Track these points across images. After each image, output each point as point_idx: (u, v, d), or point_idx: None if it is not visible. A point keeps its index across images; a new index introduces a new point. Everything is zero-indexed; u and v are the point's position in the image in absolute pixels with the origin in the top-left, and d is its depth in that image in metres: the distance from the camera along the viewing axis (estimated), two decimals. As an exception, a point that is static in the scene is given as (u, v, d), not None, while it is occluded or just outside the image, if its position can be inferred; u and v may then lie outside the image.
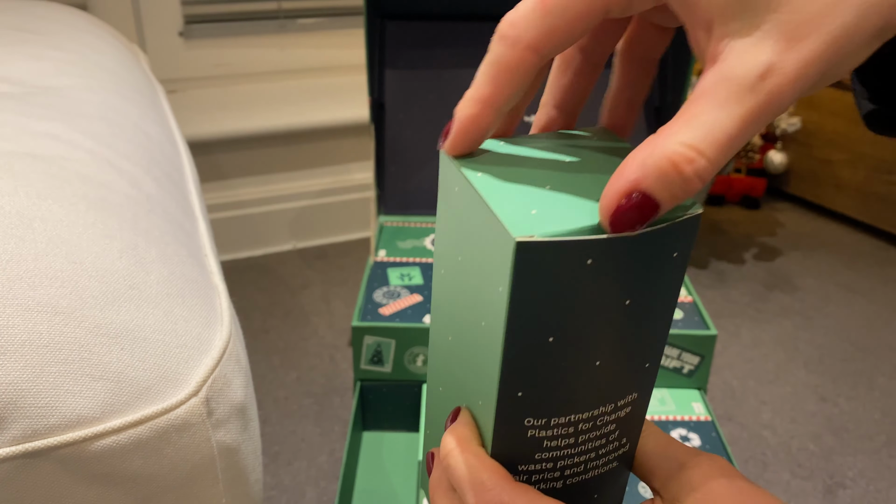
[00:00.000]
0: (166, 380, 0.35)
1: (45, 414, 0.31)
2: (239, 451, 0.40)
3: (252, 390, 0.43)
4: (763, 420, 1.04)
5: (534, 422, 0.26)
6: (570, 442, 0.27)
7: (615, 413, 0.28)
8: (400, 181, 1.07)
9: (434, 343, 0.31)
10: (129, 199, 0.44)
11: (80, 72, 0.63)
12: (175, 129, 0.69)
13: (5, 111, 0.48)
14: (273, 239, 1.47)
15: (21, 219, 0.36)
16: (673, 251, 0.24)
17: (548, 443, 0.27)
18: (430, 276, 0.91)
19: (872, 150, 1.49)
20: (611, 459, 0.29)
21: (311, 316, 1.25)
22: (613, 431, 0.28)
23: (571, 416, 0.27)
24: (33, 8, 0.81)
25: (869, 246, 1.52)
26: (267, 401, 1.05)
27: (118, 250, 0.38)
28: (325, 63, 1.53)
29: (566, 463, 0.28)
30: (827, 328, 1.24)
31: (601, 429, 0.28)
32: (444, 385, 0.31)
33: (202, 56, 1.43)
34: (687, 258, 0.25)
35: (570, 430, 0.27)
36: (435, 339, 0.31)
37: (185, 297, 0.39)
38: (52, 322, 0.32)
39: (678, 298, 0.26)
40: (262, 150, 1.41)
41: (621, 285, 0.24)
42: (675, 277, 0.25)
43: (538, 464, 0.27)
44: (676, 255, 0.25)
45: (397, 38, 1.07)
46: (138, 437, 0.33)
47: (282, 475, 0.93)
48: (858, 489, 0.92)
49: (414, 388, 0.82)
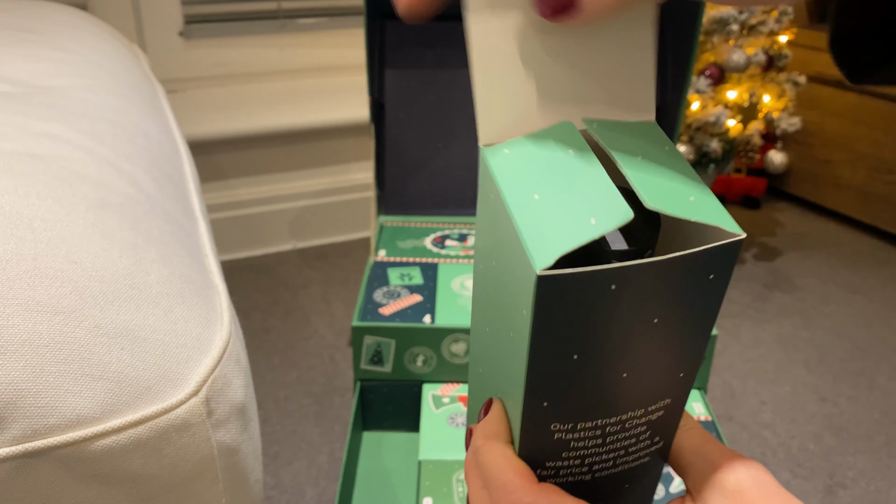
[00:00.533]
0: (166, 380, 0.35)
1: (45, 414, 0.31)
2: (239, 451, 0.40)
3: (252, 390, 0.44)
4: (763, 420, 1.04)
5: (560, 426, 0.26)
6: (598, 442, 0.27)
7: (646, 417, 0.27)
8: (400, 181, 1.07)
9: (475, 326, 0.31)
10: (129, 199, 0.44)
11: (79, 72, 0.63)
12: (175, 129, 0.69)
13: (5, 111, 0.48)
14: (273, 239, 1.47)
15: (21, 218, 0.36)
16: (709, 273, 0.24)
17: (575, 443, 0.27)
18: (429, 276, 0.91)
19: (873, 150, 1.49)
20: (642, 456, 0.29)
21: (311, 316, 1.25)
22: (644, 432, 0.28)
23: (598, 420, 0.27)
24: (33, 8, 0.81)
25: (869, 246, 1.52)
26: (267, 401, 1.05)
27: (118, 250, 0.38)
28: (325, 63, 1.53)
29: (594, 460, 0.28)
30: (827, 328, 1.24)
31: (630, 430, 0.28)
32: (483, 367, 0.31)
33: (202, 56, 1.43)
34: (726, 279, 0.24)
35: (598, 432, 0.27)
36: (476, 323, 0.31)
37: (185, 297, 0.39)
38: (51, 322, 0.32)
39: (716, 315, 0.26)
40: (262, 150, 1.41)
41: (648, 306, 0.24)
42: (713, 297, 0.25)
43: (566, 461, 0.28)
44: (713, 277, 0.24)
45: (397, 38, 1.07)
46: (138, 437, 0.33)
47: (282, 475, 0.93)
48: (858, 489, 0.92)
49: (414, 387, 0.82)
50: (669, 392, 0.27)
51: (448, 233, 1.02)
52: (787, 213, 1.66)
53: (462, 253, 0.96)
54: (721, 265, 0.24)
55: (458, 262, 0.94)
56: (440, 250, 0.97)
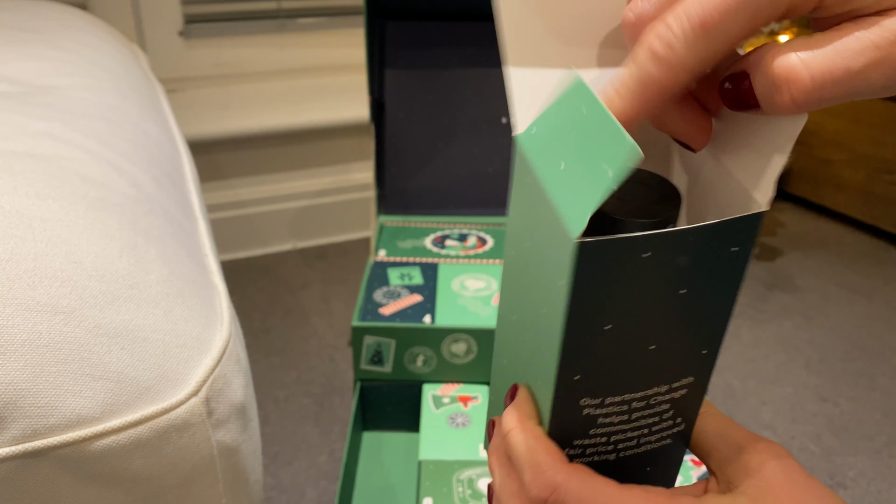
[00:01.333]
0: (166, 379, 0.35)
1: (45, 414, 0.31)
2: (239, 451, 0.40)
3: (252, 390, 0.44)
4: (764, 420, 1.04)
5: (589, 401, 0.27)
6: (624, 419, 0.28)
7: (669, 394, 0.28)
8: (400, 181, 1.07)
9: (502, 317, 0.32)
10: (129, 198, 0.44)
11: (79, 71, 0.63)
12: (175, 129, 0.69)
13: (5, 111, 0.48)
14: (273, 239, 1.47)
15: (21, 218, 0.36)
16: (731, 245, 0.25)
17: (602, 419, 0.28)
18: (428, 276, 0.91)
19: (873, 150, 1.49)
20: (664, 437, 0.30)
21: (311, 316, 1.25)
22: (668, 411, 0.29)
23: (625, 395, 0.28)
24: (33, 7, 0.81)
25: (870, 246, 1.52)
26: (267, 401, 1.05)
27: (118, 250, 0.38)
28: (325, 63, 1.53)
29: (619, 438, 0.29)
30: (827, 328, 1.24)
31: (654, 408, 0.29)
32: (508, 358, 0.32)
33: (202, 55, 1.43)
34: (747, 253, 0.26)
35: (624, 408, 0.28)
36: (503, 314, 0.32)
37: (185, 296, 0.39)
38: (51, 322, 0.32)
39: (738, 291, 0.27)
40: (262, 150, 1.41)
41: (677, 276, 0.25)
42: (735, 271, 0.26)
43: (592, 438, 0.29)
44: (736, 250, 0.25)
45: (397, 38, 1.07)
46: (138, 437, 0.33)
47: (281, 475, 0.93)
48: (859, 489, 0.92)
49: (414, 388, 0.82)
50: (692, 369, 0.28)
51: (448, 233, 1.02)
52: (787, 213, 1.66)
53: (462, 253, 0.96)
54: (744, 237, 0.25)
55: (458, 262, 0.94)
56: (440, 250, 0.97)
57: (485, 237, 1.01)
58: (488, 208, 1.07)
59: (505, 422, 0.29)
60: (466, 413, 0.77)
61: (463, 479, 0.67)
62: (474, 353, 0.80)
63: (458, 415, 0.76)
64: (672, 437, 0.30)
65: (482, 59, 1.06)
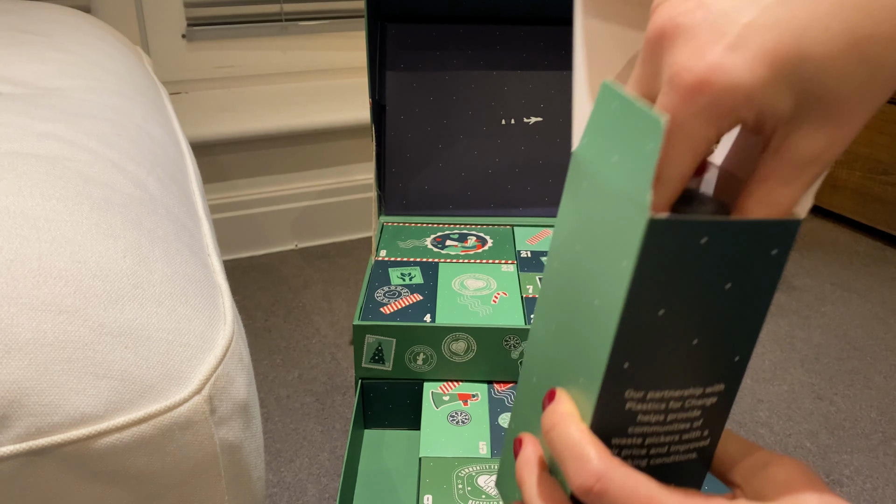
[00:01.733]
0: (170, 378, 0.35)
1: (50, 412, 0.31)
2: (241, 449, 0.40)
3: (254, 388, 0.44)
4: (760, 418, 1.04)
5: (633, 394, 0.28)
6: (660, 419, 0.30)
7: (702, 399, 0.30)
8: (400, 182, 1.08)
9: (533, 338, 0.34)
10: (133, 199, 0.44)
11: (83, 73, 0.64)
12: (178, 131, 0.70)
13: (10, 112, 0.49)
14: (275, 239, 1.47)
15: (25, 219, 0.36)
16: (772, 248, 0.27)
17: (641, 416, 0.29)
18: (428, 275, 0.91)
19: (868, 150, 1.50)
20: (691, 449, 0.31)
21: (313, 315, 1.25)
22: (698, 419, 0.30)
23: (665, 391, 0.29)
24: (37, 10, 0.82)
25: (865, 246, 1.52)
26: (269, 399, 1.05)
27: (122, 250, 0.38)
28: (327, 65, 1.53)
29: (653, 441, 0.30)
30: (823, 327, 1.25)
31: (688, 412, 0.30)
32: (538, 375, 0.33)
33: (205, 58, 1.44)
34: (783, 260, 0.27)
35: (662, 406, 0.29)
36: (535, 334, 0.34)
37: (189, 296, 0.39)
38: (56, 321, 0.32)
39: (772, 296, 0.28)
40: (265, 151, 1.41)
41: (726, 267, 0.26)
42: (772, 275, 0.28)
43: (630, 438, 0.30)
44: (775, 253, 0.27)
45: (398, 41, 1.07)
46: (142, 435, 0.33)
47: (284, 472, 0.93)
48: (855, 487, 0.93)
49: (414, 386, 0.83)
50: (725, 376, 0.30)
51: (448, 233, 1.03)
52: (786, 212, 1.66)
53: (462, 253, 0.97)
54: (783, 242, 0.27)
55: (458, 262, 0.94)
56: (440, 250, 0.98)
57: (484, 237, 1.01)
58: (488, 209, 1.08)
59: (548, 420, 0.30)
60: (466, 411, 0.77)
61: (463, 475, 0.68)
62: (474, 351, 0.80)
63: (458, 412, 0.77)
64: (697, 452, 0.31)
65: (482, 61, 1.06)
